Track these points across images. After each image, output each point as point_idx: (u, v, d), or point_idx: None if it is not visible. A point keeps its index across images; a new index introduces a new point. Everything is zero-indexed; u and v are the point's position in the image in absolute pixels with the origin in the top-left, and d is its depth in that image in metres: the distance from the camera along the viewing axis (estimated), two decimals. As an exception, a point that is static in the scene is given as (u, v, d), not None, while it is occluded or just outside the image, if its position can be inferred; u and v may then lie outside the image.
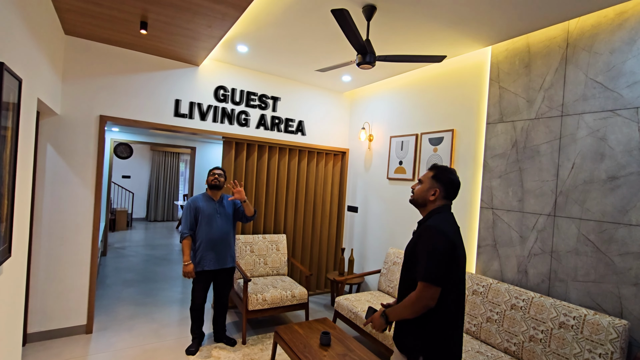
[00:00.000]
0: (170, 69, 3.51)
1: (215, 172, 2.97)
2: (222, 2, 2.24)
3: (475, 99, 3.01)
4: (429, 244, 1.42)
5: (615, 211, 2.10)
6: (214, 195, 2.97)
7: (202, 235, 2.84)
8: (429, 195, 1.54)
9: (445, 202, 1.55)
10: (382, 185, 4.04)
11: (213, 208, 2.91)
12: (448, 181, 1.54)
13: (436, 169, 1.59)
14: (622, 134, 2.10)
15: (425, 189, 1.56)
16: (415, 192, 1.61)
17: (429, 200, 1.54)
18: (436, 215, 1.51)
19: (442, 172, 1.56)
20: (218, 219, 2.90)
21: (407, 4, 2.29)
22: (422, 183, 1.59)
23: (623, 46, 2.12)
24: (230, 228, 2.97)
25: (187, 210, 2.89)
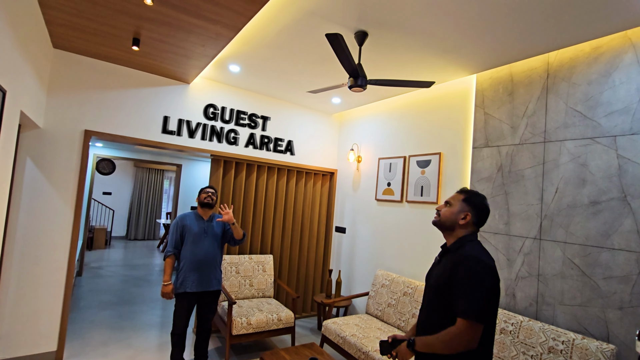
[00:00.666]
0: (160, 85, 3.50)
1: (208, 190, 2.90)
2: (218, 22, 2.27)
3: (462, 124, 3.10)
4: (475, 278, 1.29)
5: (598, 235, 2.16)
6: (204, 214, 2.88)
7: (186, 255, 2.73)
8: (458, 218, 1.45)
9: (475, 229, 1.46)
10: (371, 206, 4.04)
11: (201, 227, 2.81)
12: (481, 206, 1.46)
13: (467, 192, 1.51)
14: (601, 160, 2.19)
15: (455, 211, 1.47)
16: (442, 214, 1.51)
17: (459, 224, 1.45)
18: (470, 243, 1.40)
19: (474, 196, 1.48)
20: (205, 239, 2.80)
21: (397, 32, 2.37)
22: (451, 205, 1.49)
23: (599, 78, 2.24)
24: (217, 249, 2.87)
25: (174, 228, 2.80)
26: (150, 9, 2.15)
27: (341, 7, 2.15)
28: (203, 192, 2.89)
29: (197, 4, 2.06)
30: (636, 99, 2.08)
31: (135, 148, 6.59)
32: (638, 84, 2.08)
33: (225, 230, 2.93)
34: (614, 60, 2.19)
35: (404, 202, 3.59)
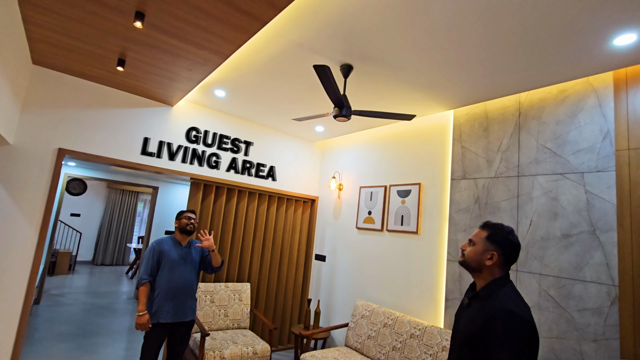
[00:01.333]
0: (143, 106, 3.45)
1: (189, 215, 2.77)
2: (206, 48, 2.30)
3: (440, 156, 3.22)
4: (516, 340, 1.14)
5: (571, 267, 2.23)
6: (182, 239, 2.76)
7: (162, 283, 2.58)
8: (484, 259, 1.31)
9: (506, 270, 1.32)
10: (351, 234, 4.03)
11: (179, 254, 2.69)
12: (507, 243, 1.31)
13: (490, 227, 1.36)
14: (571, 195, 2.30)
15: (479, 251, 1.33)
16: (466, 255, 1.38)
17: (485, 265, 1.31)
18: (503, 290, 1.27)
19: (498, 232, 1.33)
20: (183, 265, 2.66)
21: (381, 67, 2.49)
22: (475, 244, 1.36)
23: (566, 119, 2.41)
24: (194, 277, 2.75)
25: (151, 254, 2.64)
26: (140, 32, 2.17)
27: (328, 41, 2.24)
28: (184, 217, 2.76)
29: (187, 30, 2.09)
30: (599, 139, 2.23)
31: (110, 169, 6.36)
32: (601, 126, 2.24)
33: (204, 257, 2.82)
34: (578, 103, 2.36)
35: (384, 231, 3.60)
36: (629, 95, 2.15)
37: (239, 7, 1.81)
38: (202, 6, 1.84)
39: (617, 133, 2.17)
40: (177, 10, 1.91)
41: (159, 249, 2.65)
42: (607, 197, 2.15)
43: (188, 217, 2.76)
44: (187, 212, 2.80)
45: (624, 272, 2.02)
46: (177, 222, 2.77)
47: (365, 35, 2.12)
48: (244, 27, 2.00)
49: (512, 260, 1.32)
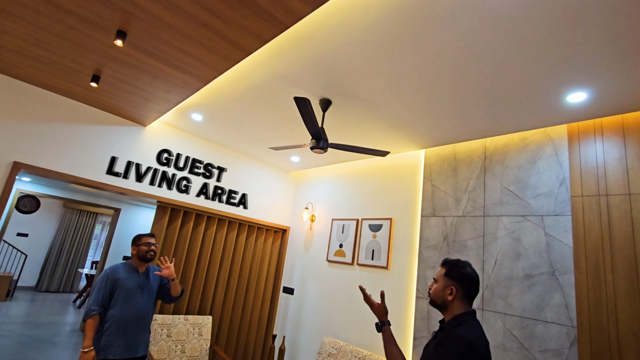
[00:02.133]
0: (113, 124, 3.34)
1: (150, 240, 2.54)
2: (187, 72, 2.30)
3: (412, 193, 3.31)
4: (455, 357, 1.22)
5: (533, 307, 2.29)
6: (140, 266, 2.53)
7: (115, 314, 2.33)
8: (446, 295, 1.39)
9: (469, 307, 1.39)
10: (321, 267, 3.96)
11: (136, 282, 2.47)
12: (462, 276, 1.39)
13: (447, 264, 1.46)
14: (532, 237, 2.42)
15: (440, 288, 1.41)
16: (431, 293, 1.45)
17: (448, 300, 1.38)
18: (466, 323, 1.33)
19: (453, 267, 1.43)
20: (139, 295, 2.45)
21: (358, 104, 2.59)
22: (437, 282, 1.45)
23: (527, 164, 2.58)
24: (151, 307, 2.53)
25: (103, 282, 2.37)
26: (119, 50, 2.14)
27: (310, 76, 2.31)
28: (143, 243, 2.52)
29: (170, 52, 2.09)
30: (557, 185, 2.40)
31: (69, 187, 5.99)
32: (557, 173, 2.42)
33: (162, 286, 2.63)
34: (537, 150, 2.55)
35: (354, 264, 3.57)
36: (581, 147, 2.36)
37: (225, 36, 1.85)
38: (188, 32, 1.86)
39: (572, 180, 2.34)
40: (161, 33, 1.91)
41: (113, 276, 2.40)
42: (564, 240, 2.27)
43: (148, 243, 2.52)
44: (146, 237, 2.55)
45: (581, 313, 2.10)
46: (136, 249, 2.52)
47: (345, 73, 2.21)
48: (228, 56, 2.03)
49: (471, 293, 1.39)
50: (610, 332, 1.98)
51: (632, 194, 2.09)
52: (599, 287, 2.08)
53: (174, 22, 1.81)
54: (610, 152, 2.23)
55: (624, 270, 2.02)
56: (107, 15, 1.84)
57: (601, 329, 2.01)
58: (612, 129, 2.26)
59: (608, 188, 2.19)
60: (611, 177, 2.19)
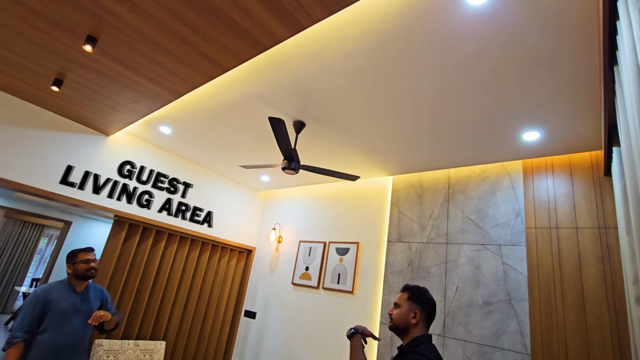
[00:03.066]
0: (73, 132, 3.15)
1: (88, 257, 2.24)
2: (159, 84, 2.25)
3: (379, 218, 3.36)
4: None
5: (491, 335, 2.35)
6: (78, 285, 2.23)
7: (45, 340, 2.04)
8: (409, 318, 1.43)
9: (427, 330, 1.45)
10: (286, 290, 3.86)
11: (72, 303, 2.17)
12: (426, 301, 1.46)
13: (410, 289, 1.51)
14: (491, 265, 2.52)
15: (404, 312, 1.45)
16: (394, 318, 1.48)
17: (411, 324, 1.42)
18: (424, 345, 1.37)
19: (418, 292, 1.48)
20: (75, 317, 2.16)
21: (332, 128, 2.64)
22: (400, 307, 1.48)
23: (487, 195, 2.73)
24: (88, 331, 2.25)
25: (33, 304, 2.05)
26: (88, 55, 2.06)
27: (285, 97, 2.34)
28: (81, 260, 2.21)
29: (142, 63, 2.04)
30: (513, 216, 2.54)
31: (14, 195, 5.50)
32: (513, 205, 2.57)
33: (104, 304, 2.35)
34: (496, 183, 2.71)
35: (320, 288, 3.52)
36: (534, 182, 2.54)
37: (202, 51, 1.84)
38: (164, 44, 1.83)
39: (526, 213, 2.50)
40: (135, 43, 1.87)
41: (44, 298, 2.08)
42: (520, 269, 2.39)
43: (87, 260, 2.22)
44: (83, 253, 2.24)
45: (535, 341, 2.19)
46: (72, 267, 2.20)
47: (320, 98, 2.26)
48: (204, 71, 2.01)
49: (431, 317, 1.47)
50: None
51: (579, 227, 2.26)
52: (550, 316, 2.19)
53: (150, 33, 1.78)
54: (560, 188, 2.42)
55: (572, 299, 2.15)
56: (78, 19, 1.77)
57: (553, 357, 2.10)
58: (561, 167, 2.46)
59: (558, 221, 2.35)
60: (560, 211, 2.36)
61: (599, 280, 2.10)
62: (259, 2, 1.45)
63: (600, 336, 2.00)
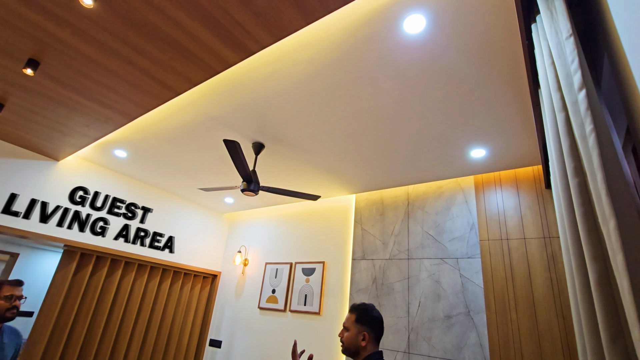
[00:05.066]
0: (17, 157, 2.97)
1: (15, 293, 1.88)
2: (110, 107, 2.19)
3: (343, 236, 3.38)
4: None
5: (453, 348, 2.39)
6: None
7: None
8: (359, 341, 1.43)
9: (376, 347, 1.46)
10: (253, 315, 3.74)
11: None
12: (373, 321, 1.47)
13: (356, 309, 1.52)
14: (450, 278, 2.59)
15: (353, 335, 1.45)
16: (345, 342, 1.48)
17: (361, 346, 1.43)
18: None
19: (363, 313, 1.49)
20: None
21: (291, 149, 2.66)
22: (349, 330, 1.48)
23: (443, 210, 2.83)
24: None
25: None
26: (30, 78, 1.97)
27: (242, 119, 2.34)
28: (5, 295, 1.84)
29: (90, 86, 1.98)
30: (468, 229, 2.65)
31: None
32: (468, 219, 2.68)
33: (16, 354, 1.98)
34: (451, 198, 2.83)
35: (287, 311, 3.44)
36: (485, 196, 2.67)
37: (152, 75, 1.82)
38: (111, 67, 1.80)
39: (479, 226, 2.61)
40: (81, 66, 1.82)
41: None
42: (476, 280, 2.47)
43: (11, 295, 1.85)
44: (9, 286, 1.88)
45: (494, 352, 2.24)
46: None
47: (277, 119, 2.29)
48: (156, 94, 1.99)
49: (380, 334, 1.48)
50: (517, 369, 2.13)
51: (527, 238, 2.39)
52: (506, 325, 2.26)
53: (97, 57, 1.74)
54: (508, 201, 2.55)
55: (524, 308, 2.24)
56: (17, 43, 1.71)
57: (510, 366, 2.16)
58: (508, 182, 2.61)
59: (508, 233, 2.47)
60: (510, 223, 2.49)
61: (547, 288, 2.21)
62: (206, 27, 1.47)
63: (551, 343, 2.09)
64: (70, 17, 1.50)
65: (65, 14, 1.48)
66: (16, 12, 1.51)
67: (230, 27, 1.45)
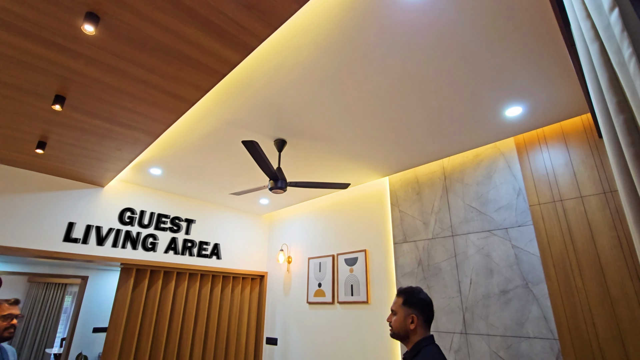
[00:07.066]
0: (67, 189, 3.21)
1: (13, 312, 1.80)
2: (135, 128, 2.28)
3: (382, 221, 3.28)
4: None
5: (514, 324, 2.22)
6: None
7: None
8: (407, 324, 1.40)
9: (427, 332, 1.42)
10: (303, 310, 3.78)
11: None
12: (422, 303, 1.43)
13: (403, 293, 1.48)
14: (501, 250, 2.41)
15: (401, 318, 1.42)
16: (393, 326, 1.45)
17: (410, 330, 1.39)
18: (425, 349, 1.34)
19: (410, 295, 1.45)
20: None
21: (312, 140, 2.61)
22: (396, 313, 1.45)
23: (484, 179, 2.63)
24: None
25: None
26: (60, 114, 2.10)
27: (258, 118, 2.34)
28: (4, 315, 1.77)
29: (113, 111, 2.07)
30: (514, 196, 2.44)
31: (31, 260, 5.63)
32: (513, 185, 2.47)
33: None
34: (491, 165, 2.62)
35: (335, 303, 3.43)
36: (529, 158, 2.44)
37: (164, 89, 1.86)
38: (127, 89, 1.86)
39: (527, 190, 2.40)
40: (100, 94, 1.90)
41: None
42: (531, 250, 2.28)
43: (9, 315, 1.77)
44: (8, 305, 1.81)
45: (561, 324, 2.05)
46: None
47: (293, 112, 2.25)
48: (172, 108, 2.03)
49: (430, 317, 1.43)
50: (591, 340, 1.93)
51: (583, 196, 2.15)
52: (571, 294, 2.06)
53: (112, 82, 1.81)
54: (557, 159, 2.31)
55: (590, 273, 2.02)
56: (42, 82, 1.82)
57: (582, 338, 1.96)
58: (554, 137, 2.36)
59: (561, 193, 2.24)
60: (562, 183, 2.26)
61: (614, 247, 1.98)
62: (203, 31, 1.46)
63: (627, 308, 1.86)
64: (79, 48, 1.57)
65: (74, 45, 1.55)
66: (34, 54, 1.61)
67: (226, 25, 1.42)
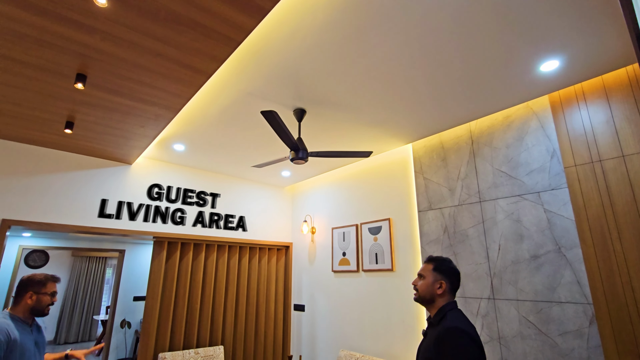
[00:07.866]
0: (98, 167, 3.34)
1: (55, 289, 1.91)
2: (155, 104, 2.29)
3: (406, 189, 3.23)
4: (460, 354, 1.23)
5: (545, 289, 2.17)
6: (29, 319, 1.87)
7: None
8: (435, 289, 1.44)
9: (453, 298, 1.44)
10: (328, 278, 3.86)
11: (31, 339, 1.83)
12: (451, 271, 1.46)
13: (434, 260, 1.50)
14: (532, 215, 2.32)
15: (429, 282, 1.45)
16: (419, 289, 1.48)
17: (437, 294, 1.43)
18: (451, 313, 1.37)
19: (441, 263, 1.48)
20: (38, 357, 1.87)
21: (332, 109, 2.54)
22: (425, 278, 1.48)
23: (515, 142, 2.50)
24: None
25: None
26: (83, 92, 2.13)
27: (277, 87, 2.28)
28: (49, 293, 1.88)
29: (132, 87, 2.08)
30: (548, 158, 2.31)
31: (72, 236, 6.01)
32: (547, 146, 2.33)
33: None
34: (523, 126, 2.47)
35: (360, 271, 3.47)
36: (565, 116, 2.27)
37: (180, 62, 1.83)
38: (142, 64, 1.85)
39: (562, 151, 2.25)
40: (118, 70, 1.90)
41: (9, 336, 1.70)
42: (565, 214, 2.17)
43: (54, 292, 1.90)
44: (52, 283, 1.91)
45: (595, 288, 1.98)
46: (35, 297, 1.84)
47: (311, 79, 2.18)
48: (190, 81, 2.01)
49: (456, 286, 1.47)
50: (629, 305, 1.86)
51: (626, 155, 2.00)
52: (608, 258, 1.97)
53: (128, 57, 1.79)
54: (596, 116, 2.14)
55: (631, 236, 1.91)
56: (62, 61, 1.84)
57: (619, 302, 1.89)
58: (594, 92, 2.18)
59: (600, 153, 2.10)
60: (601, 142, 2.10)
61: (659, 209, 1.85)
62: (214, -5, 1.39)
63: (671, 271, 1.77)
64: (94, 23, 1.55)
65: (88, 20, 1.53)
66: (52, 31, 1.61)
67: (237, -13, 1.35)
